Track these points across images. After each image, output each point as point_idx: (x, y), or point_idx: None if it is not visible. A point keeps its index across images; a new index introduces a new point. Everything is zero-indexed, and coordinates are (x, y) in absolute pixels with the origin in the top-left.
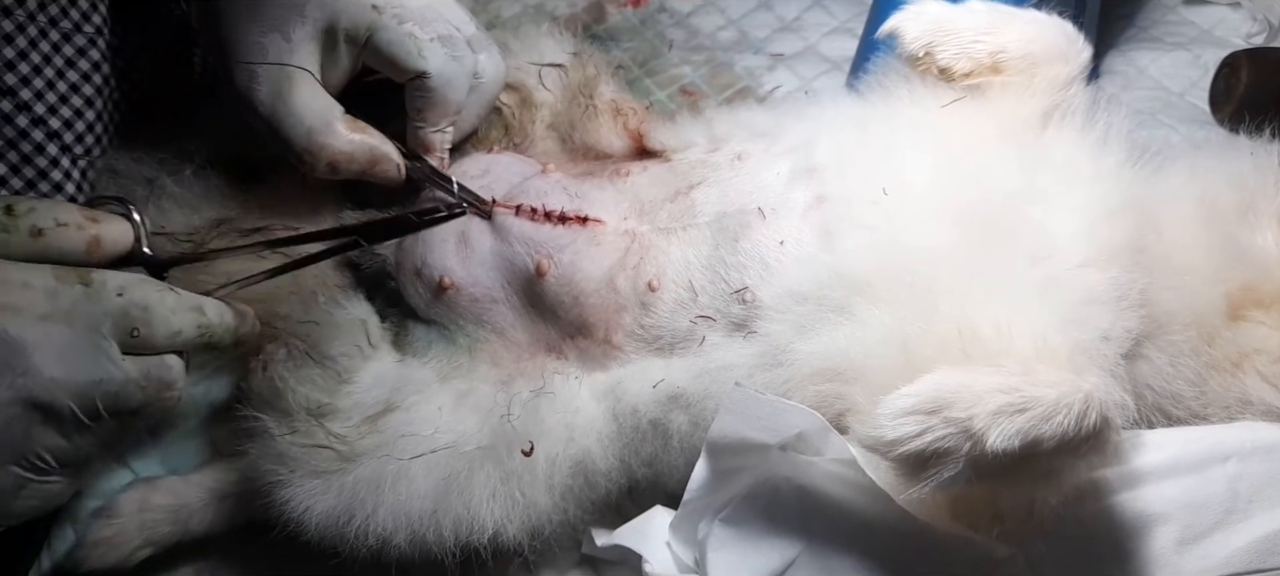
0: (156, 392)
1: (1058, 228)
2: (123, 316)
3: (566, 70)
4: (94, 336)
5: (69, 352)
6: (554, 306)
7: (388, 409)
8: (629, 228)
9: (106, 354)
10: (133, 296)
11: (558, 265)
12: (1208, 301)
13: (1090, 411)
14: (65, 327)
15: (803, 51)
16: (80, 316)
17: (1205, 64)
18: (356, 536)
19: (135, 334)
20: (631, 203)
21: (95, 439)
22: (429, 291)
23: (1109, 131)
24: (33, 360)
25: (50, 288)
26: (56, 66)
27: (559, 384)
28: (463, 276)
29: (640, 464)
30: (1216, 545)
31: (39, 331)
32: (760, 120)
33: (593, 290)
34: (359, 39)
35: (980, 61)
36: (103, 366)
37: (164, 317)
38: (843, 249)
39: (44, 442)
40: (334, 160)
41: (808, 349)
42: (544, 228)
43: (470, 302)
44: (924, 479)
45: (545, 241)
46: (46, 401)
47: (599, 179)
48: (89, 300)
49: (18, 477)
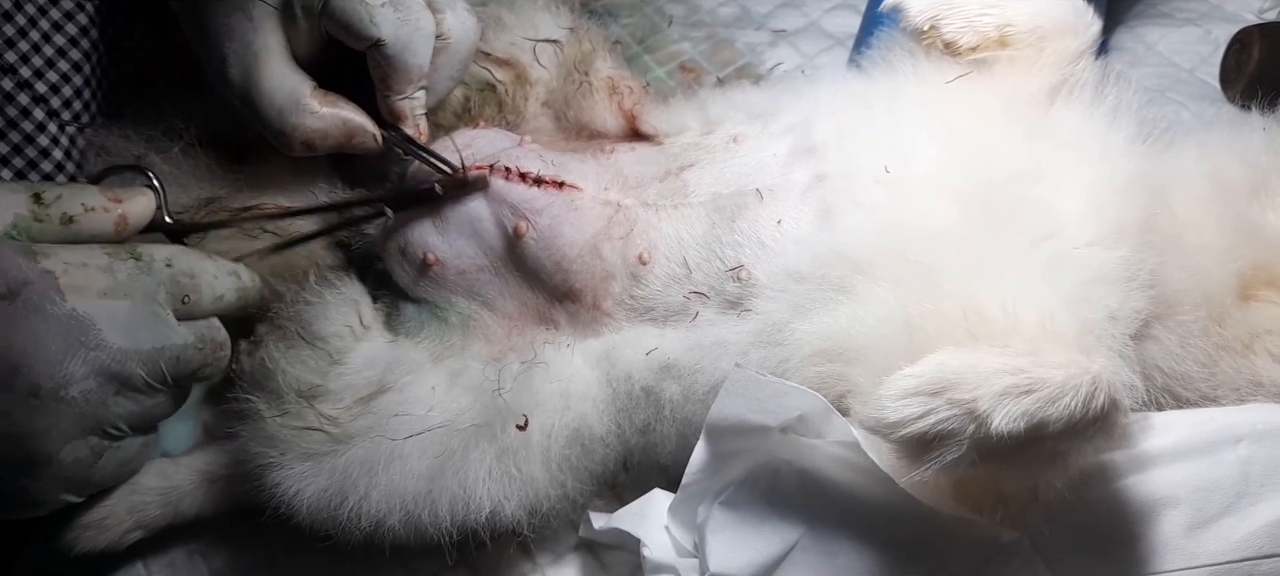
0: (213, 353)
1: (1065, 206)
2: (174, 285)
3: (562, 46)
4: (152, 305)
5: (132, 323)
6: (536, 271)
7: (380, 389)
8: (611, 198)
9: (166, 321)
10: (180, 265)
11: (536, 228)
12: (1219, 281)
13: (1098, 393)
14: (126, 301)
15: (805, 27)
16: (137, 288)
17: (1216, 39)
18: (350, 519)
19: (186, 300)
20: (613, 176)
21: (162, 401)
22: (415, 269)
23: (1118, 107)
24: (102, 334)
25: (105, 265)
26: (42, 30)
27: (551, 354)
28: (445, 250)
29: (634, 431)
30: (1227, 529)
31: (103, 307)
32: (756, 101)
33: (575, 255)
34: (314, 9)
35: (986, 35)
36: (164, 333)
37: (210, 283)
38: (843, 228)
39: (119, 410)
40: (307, 138)
41: (807, 329)
42: (517, 187)
43: (457, 276)
44: (927, 461)
45: (520, 202)
46: (118, 371)
47: (581, 154)
48: (142, 272)
49: (96, 446)
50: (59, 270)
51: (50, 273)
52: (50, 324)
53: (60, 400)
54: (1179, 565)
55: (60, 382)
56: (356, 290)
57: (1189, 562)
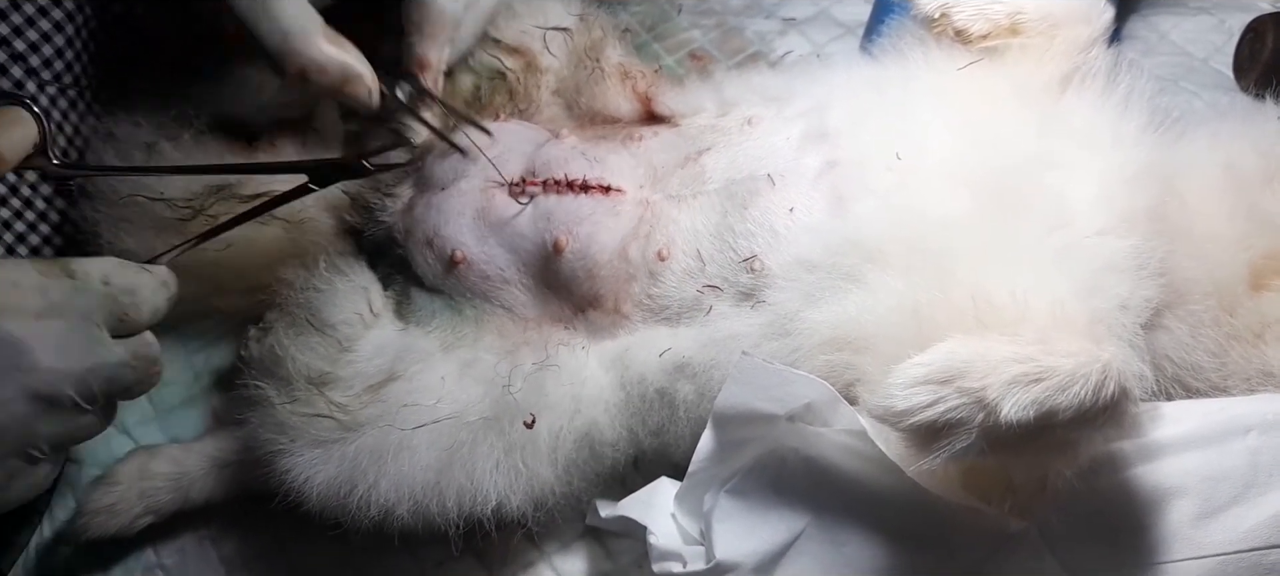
0: (145, 370)
1: (1076, 194)
2: (112, 303)
3: (572, 34)
4: (87, 325)
5: (66, 345)
6: (568, 282)
7: (390, 378)
8: (644, 196)
9: (100, 341)
10: (118, 282)
11: (576, 238)
12: (1230, 270)
13: (1108, 382)
14: (60, 322)
15: (815, 15)
16: (72, 309)
17: (1229, 28)
18: (358, 506)
19: (124, 320)
20: (646, 169)
21: (89, 421)
22: (440, 264)
23: (1130, 96)
24: (35, 356)
25: (39, 285)
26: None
27: (564, 356)
28: (477, 253)
29: (647, 433)
30: (1236, 519)
31: (36, 328)
32: (771, 84)
33: (606, 261)
34: None
35: (998, 23)
36: (97, 353)
37: (148, 299)
38: (855, 215)
39: (44, 430)
40: (305, 68)
41: (817, 318)
42: (567, 199)
43: (481, 279)
44: (935, 450)
45: (567, 215)
46: (48, 392)
47: (613, 143)
48: (77, 293)
49: (14, 468)
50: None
51: None
52: None
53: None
54: (1187, 554)
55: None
56: (366, 277)
57: (1197, 552)
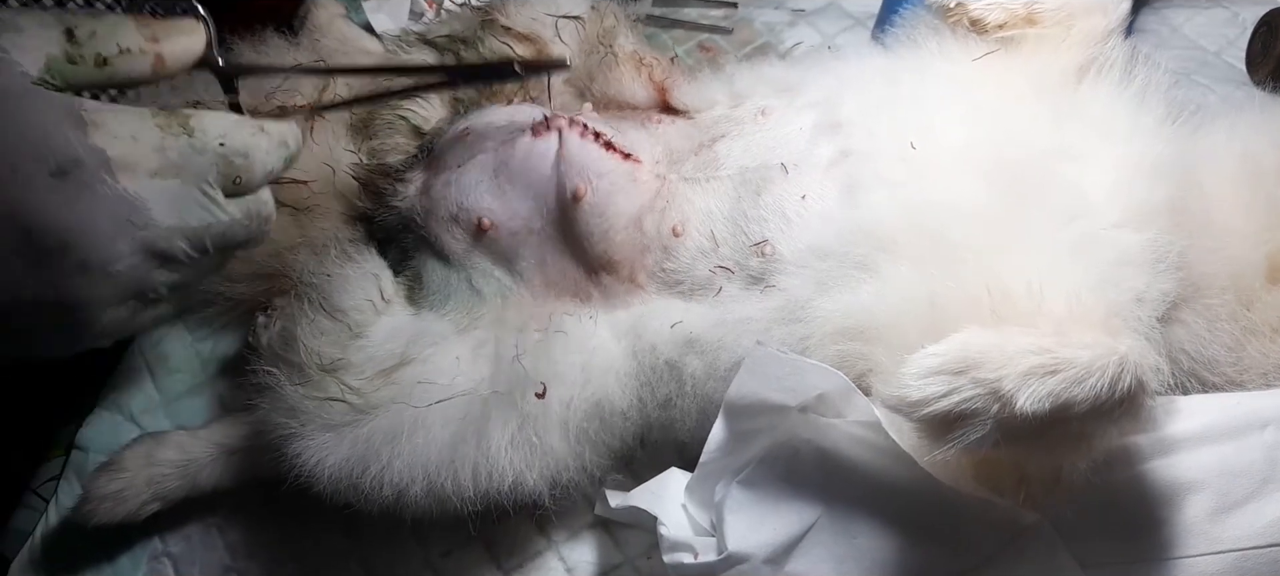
0: (259, 226)
1: (1093, 186)
2: (226, 165)
3: (584, 22)
4: (202, 185)
5: (182, 203)
6: (583, 237)
7: (403, 361)
8: (660, 172)
9: (215, 200)
10: (233, 144)
11: (595, 192)
12: (1248, 264)
13: (1125, 375)
14: (176, 181)
15: (825, 7)
16: (188, 168)
17: (1243, 22)
18: (371, 487)
19: (238, 181)
20: (664, 149)
21: (205, 267)
22: (468, 235)
23: (1147, 88)
24: (151, 214)
25: (157, 143)
26: None
27: (571, 325)
28: (502, 213)
29: (655, 405)
30: (1252, 515)
31: (154, 187)
32: (783, 75)
33: (622, 226)
34: None
35: (1014, 12)
36: (212, 212)
37: (262, 160)
38: (867, 204)
39: (161, 280)
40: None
41: (829, 306)
42: (592, 148)
43: (510, 238)
44: (949, 441)
45: (589, 164)
46: (164, 249)
47: (633, 121)
48: (195, 152)
49: (134, 309)
50: (109, 146)
51: (100, 150)
52: (100, 204)
53: (107, 275)
54: (1203, 550)
55: (108, 259)
56: (377, 264)
57: (1213, 547)
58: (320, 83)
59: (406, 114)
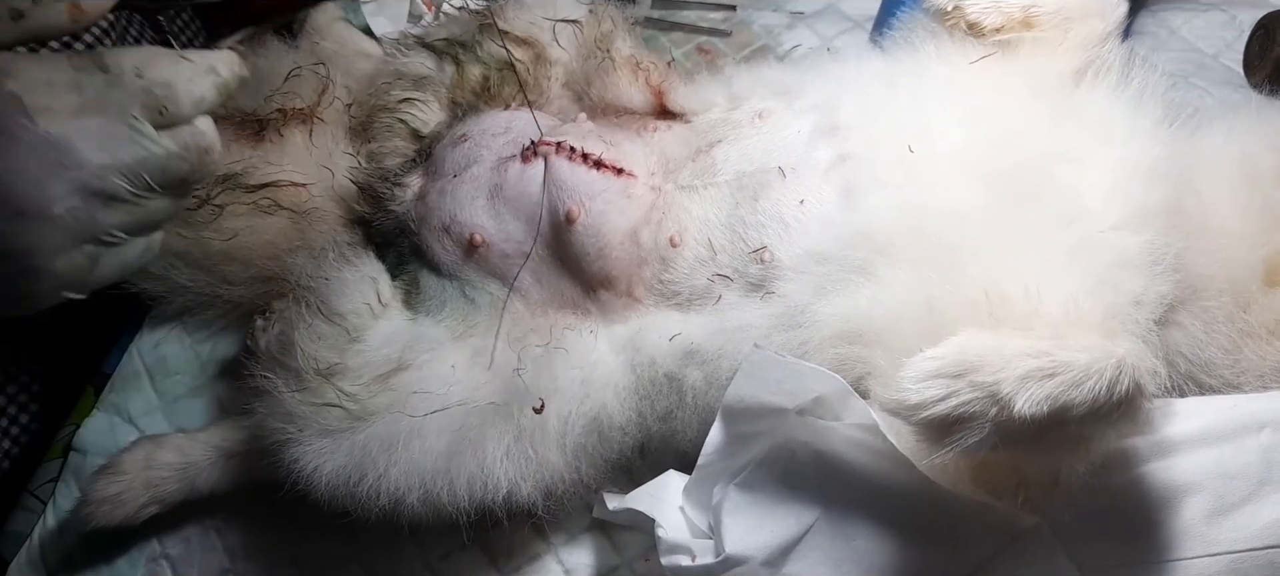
0: (199, 158)
1: (1090, 188)
2: (148, 96)
3: (581, 26)
4: (127, 119)
5: (109, 139)
6: (579, 257)
7: (399, 367)
8: (656, 184)
9: (143, 133)
10: (152, 75)
11: (588, 213)
12: (1245, 266)
13: (1122, 377)
14: (98, 117)
15: (823, 10)
16: (109, 103)
17: (1240, 25)
18: (368, 495)
19: (164, 112)
20: (659, 158)
21: (159, 205)
22: (459, 249)
23: (1144, 90)
24: (81, 153)
25: (72, 81)
26: None
27: (572, 340)
28: (494, 232)
29: (655, 418)
30: (1249, 516)
31: (76, 126)
32: (781, 77)
33: (618, 243)
34: None
35: (1011, 15)
36: (143, 145)
37: (186, 88)
38: (866, 208)
39: (111, 220)
40: None
41: (828, 310)
42: (580, 170)
43: (500, 259)
44: (947, 444)
45: (580, 186)
46: (101, 187)
47: (627, 131)
48: (112, 86)
49: (92, 253)
50: (24, 92)
51: (15, 95)
52: (25, 149)
53: (46, 219)
54: (1200, 552)
55: (43, 203)
56: (374, 267)
57: (1210, 549)
58: (319, 84)
59: (405, 117)
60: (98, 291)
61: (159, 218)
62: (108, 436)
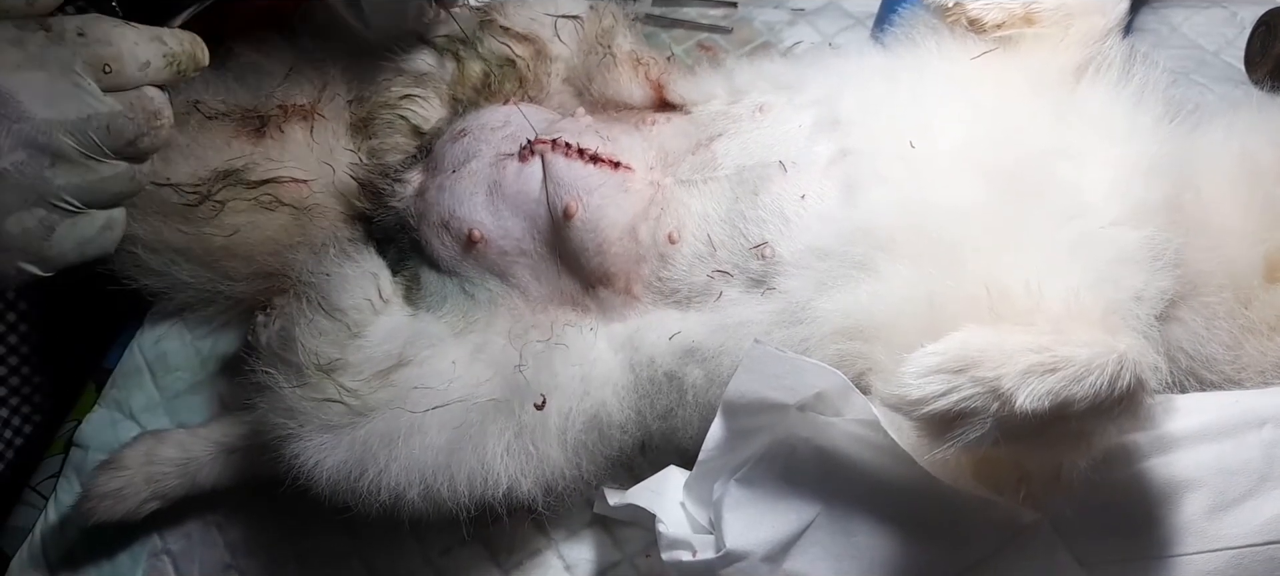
0: (148, 122)
1: (1091, 184)
2: (90, 54)
3: (582, 22)
4: (70, 76)
5: (53, 94)
6: (578, 253)
7: (400, 363)
8: (654, 178)
9: (87, 90)
10: (93, 34)
11: (586, 208)
12: (1245, 262)
13: (1124, 373)
14: (41, 72)
15: (824, 6)
16: (52, 60)
17: (1241, 22)
18: (369, 490)
19: (108, 70)
20: (657, 152)
21: (112, 172)
22: (458, 245)
23: (1145, 87)
24: (23, 106)
25: (14, 37)
26: None
27: (573, 336)
28: (493, 228)
29: (655, 416)
30: (1250, 512)
31: (18, 80)
32: (782, 72)
33: (616, 238)
34: None
35: (1012, 12)
36: (87, 103)
37: (130, 50)
38: (867, 203)
39: (60, 182)
40: None
41: (829, 306)
42: (577, 165)
43: (499, 255)
44: (948, 439)
45: (577, 181)
46: (46, 143)
47: (625, 125)
48: (54, 43)
49: (45, 219)
50: None
51: None
52: None
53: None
54: (1200, 548)
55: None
56: (375, 263)
57: (1210, 545)
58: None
59: (406, 113)
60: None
61: (113, 189)
62: (109, 432)
